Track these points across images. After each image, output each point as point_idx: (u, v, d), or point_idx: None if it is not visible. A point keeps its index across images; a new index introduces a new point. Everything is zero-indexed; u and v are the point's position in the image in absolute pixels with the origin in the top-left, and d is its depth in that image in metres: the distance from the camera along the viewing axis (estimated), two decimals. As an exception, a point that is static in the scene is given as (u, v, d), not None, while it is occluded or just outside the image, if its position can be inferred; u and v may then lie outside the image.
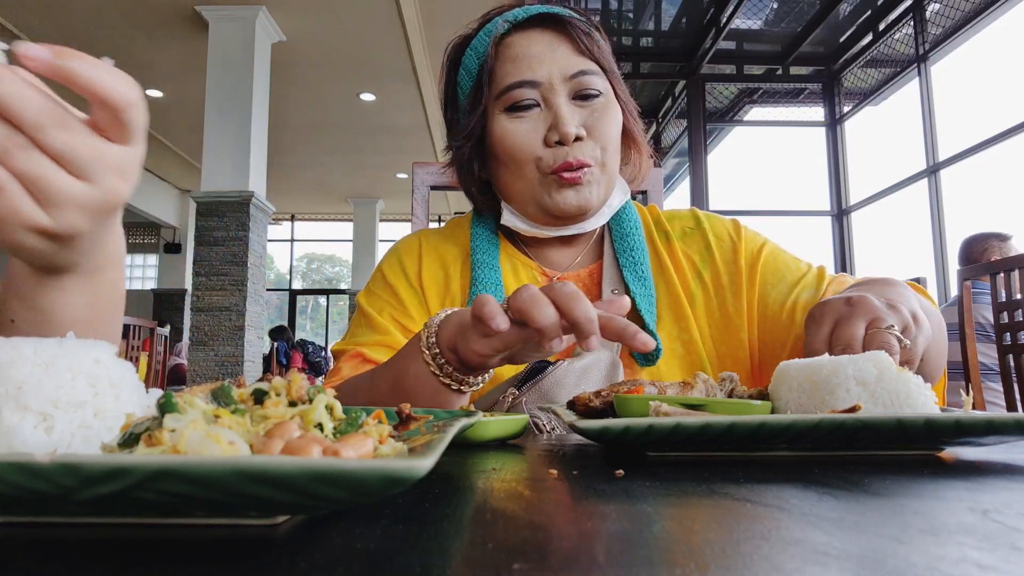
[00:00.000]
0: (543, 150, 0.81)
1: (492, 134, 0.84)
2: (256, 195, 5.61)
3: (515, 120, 0.82)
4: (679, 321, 0.87)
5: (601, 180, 0.83)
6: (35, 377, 0.29)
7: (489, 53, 0.83)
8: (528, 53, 0.82)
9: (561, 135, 0.79)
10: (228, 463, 0.21)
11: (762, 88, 5.64)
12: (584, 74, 0.82)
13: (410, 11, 5.69)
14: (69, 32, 6.13)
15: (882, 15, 4.71)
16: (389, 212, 12.51)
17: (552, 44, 0.82)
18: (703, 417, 0.41)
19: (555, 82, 0.81)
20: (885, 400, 0.46)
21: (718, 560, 0.21)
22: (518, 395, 0.76)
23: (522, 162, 0.82)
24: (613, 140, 0.84)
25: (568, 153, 0.80)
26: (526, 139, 0.81)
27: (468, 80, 0.87)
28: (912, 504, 0.29)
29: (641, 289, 0.86)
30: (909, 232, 4.71)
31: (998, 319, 1.92)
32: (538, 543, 0.23)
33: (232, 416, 0.29)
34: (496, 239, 0.93)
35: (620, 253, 0.90)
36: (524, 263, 0.92)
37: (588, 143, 0.81)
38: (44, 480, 0.21)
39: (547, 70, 0.81)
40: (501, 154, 0.84)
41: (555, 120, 0.80)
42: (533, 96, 0.81)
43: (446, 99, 0.93)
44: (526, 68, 0.81)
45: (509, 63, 0.82)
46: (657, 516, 0.27)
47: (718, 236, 0.92)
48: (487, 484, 0.36)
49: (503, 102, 0.82)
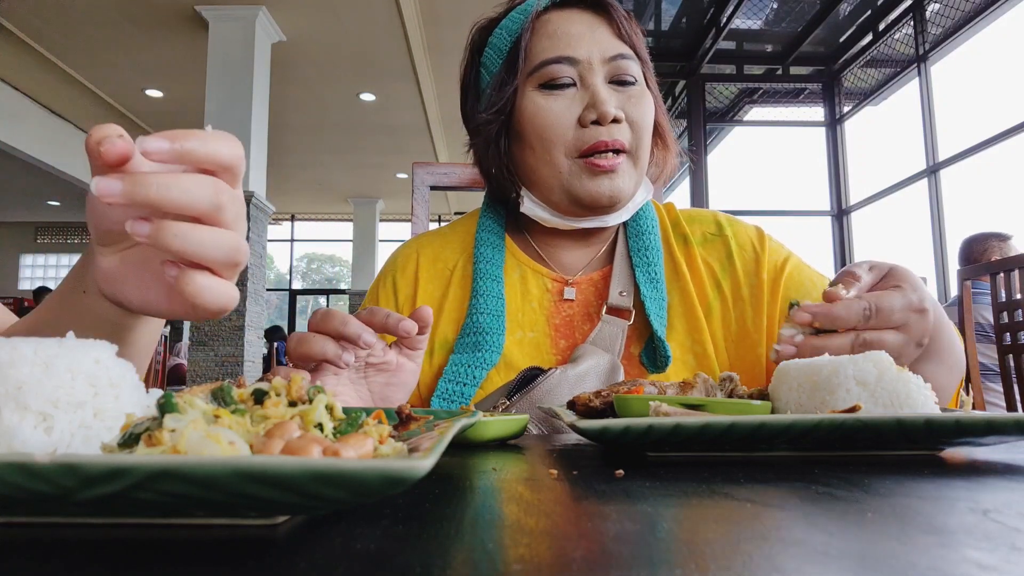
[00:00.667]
0: (575, 130, 0.78)
1: (523, 111, 0.80)
2: (256, 195, 5.61)
3: (549, 97, 0.78)
4: (692, 332, 0.83)
5: (632, 173, 0.80)
6: (35, 377, 0.29)
7: (526, 27, 0.80)
8: (568, 31, 0.79)
9: (599, 114, 0.76)
10: (228, 463, 0.21)
11: (762, 88, 5.64)
12: (623, 58, 0.79)
13: (410, 11, 5.69)
14: (69, 32, 6.13)
15: (882, 15, 4.71)
16: (389, 212, 12.51)
17: (592, 25, 0.80)
18: (703, 417, 0.41)
19: (594, 61, 0.78)
20: (885, 400, 0.46)
21: (718, 560, 0.21)
22: (508, 404, 0.74)
23: (552, 142, 0.78)
24: (647, 129, 0.80)
25: (604, 132, 0.77)
26: (560, 116, 0.77)
27: (496, 58, 0.83)
28: (912, 504, 0.29)
29: (652, 292, 0.82)
30: (909, 232, 4.71)
31: (998, 319, 1.92)
32: (538, 543, 0.23)
33: (232, 416, 0.29)
34: (502, 243, 0.89)
35: (634, 252, 0.86)
36: (534, 270, 0.88)
37: (624, 127, 0.78)
38: (44, 480, 0.21)
39: (587, 49, 0.78)
40: (530, 133, 0.80)
41: (593, 99, 0.76)
42: (570, 74, 0.78)
43: (466, 82, 0.90)
44: (565, 45, 0.78)
45: (546, 39, 0.79)
46: (657, 516, 0.27)
47: (741, 245, 0.88)
48: (487, 484, 0.36)
49: (537, 78, 0.79)
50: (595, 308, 0.85)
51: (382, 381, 0.68)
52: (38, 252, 12.63)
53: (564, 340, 0.84)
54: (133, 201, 0.36)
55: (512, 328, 0.84)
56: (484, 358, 0.80)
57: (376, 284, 0.94)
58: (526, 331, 0.84)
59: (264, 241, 6.01)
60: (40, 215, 11.90)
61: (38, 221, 12.32)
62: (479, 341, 0.81)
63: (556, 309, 0.86)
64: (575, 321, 0.85)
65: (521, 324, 0.85)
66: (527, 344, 0.84)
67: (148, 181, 0.36)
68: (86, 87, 7.38)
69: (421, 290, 0.90)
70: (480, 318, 0.82)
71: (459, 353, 0.81)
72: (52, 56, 6.66)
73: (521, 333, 0.84)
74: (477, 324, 0.82)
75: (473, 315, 0.83)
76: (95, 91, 7.49)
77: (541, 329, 0.85)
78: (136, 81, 7.17)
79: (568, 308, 0.86)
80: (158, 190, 0.37)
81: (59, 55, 6.66)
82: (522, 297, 0.87)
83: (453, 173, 1.27)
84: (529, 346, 0.84)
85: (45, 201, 10.88)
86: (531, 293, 0.87)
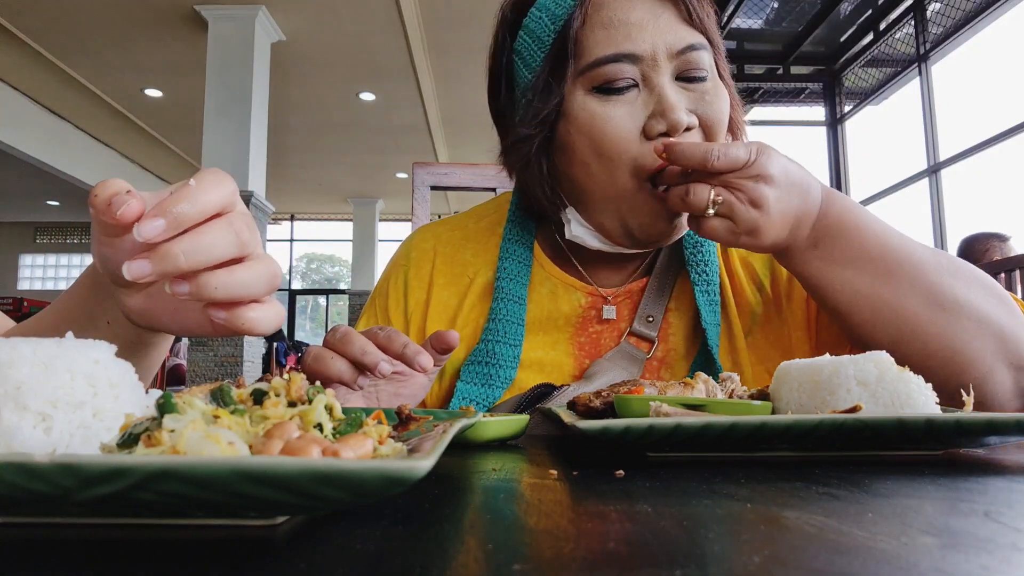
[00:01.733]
0: (639, 143, 0.65)
1: (573, 119, 0.66)
2: (256, 195, 5.61)
3: (607, 103, 0.65)
4: (732, 353, 0.76)
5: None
6: (34, 377, 0.29)
7: (575, 14, 0.65)
8: (626, 19, 0.65)
9: (670, 124, 0.63)
10: (228, 463, 0.21)
11: (763, 88, 5.64)
12: (693, 49, 0.65)
13: (410, 11, 5.69)
14: (69, 32, 6.14)
15: (883, 15, 4.71)
16: (389, 212, 12.51)
17: (655, 10, 0.65)
18: (704, 417, 0.41)
19: (660, 57, 0.64)
20: (886, 400, 0.46)
21: (718, 560, 0.21)
22: None
23: (611, 157, 0.65)
24: (723, 132, 0.68)
25: None
26: (622, 128, 0.64)
27: (536, 49, 0.69)
28: (912, 504, 0.29)
29: (712, 317, 0.74)
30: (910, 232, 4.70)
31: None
32: (538, 544, 0.23)
33: (231, 416, 0.29)
34: (530, 256, 0.79)
35: (692, 264, 0.76)
36: (566, 284, 0.79)
37: (696, 135, 0.66)
38: (43, 480, 0.21)
39: (651, 41, 0.64)
40: (584, 147, 0.66)
41: (660, 104, 0.64)
42: (631, 74, 0.64)
43: (496, 72, 0.76)
44: (624, 38, 0.64)
45: (601, 30, 0.65)
46: (657, 516, 0.27)
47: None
48: (487, 484, 0.36)
49: (591, 79, 0.65)
50: (627, 322, 0.78)
51: (391, 391, 0.68)
52: (37, 252, 12.63)
53: (588, 359, 0.77)
54: (166, 276, 0.37)
55: (534, 345, 0.78)
56: (492, 395, 0.75)
57: (387, 276, 0.86)
58: (547, 351, 0.78)
59: (264, 241, 6.01)
60: (40, 215, 11.91)
61: (38, 221, 12.32)
62: (490, 374, 0.75)
63: (583, 326, 0.78)
64: (603, 339, 0.78)
65: (543, 344, 0.78)
66: (548, 365, 0.78)
67: (174, 253, 0.37)
68: (86, 87, 7.38)
69: (435, 296, 0.82)
70: (495, 347, 0.75)
71: (466, 382, 0.76)
72: (52, 56, 6.66)
73: (542, 352, 0.78)
74: (491, 353, 0.75)
75: (488, 341, 0.76)
76: (95, 91, 7.49)
77: (563, 348, 0.78)
78: (136, 81, 7.17)
79: (600, 325, 0.78)
80: (187, 258, 0.37)
81: (59, 55, 6.66)
82: (547, 317, 0.79)
83: (453, 173, 1.27)
84: (551, 367, 0.78)
85: (45, 201, 10.89)
86: (561, 310, 0.78)
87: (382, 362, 0.55)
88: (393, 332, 0.58)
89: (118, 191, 0.36)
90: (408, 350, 0.57)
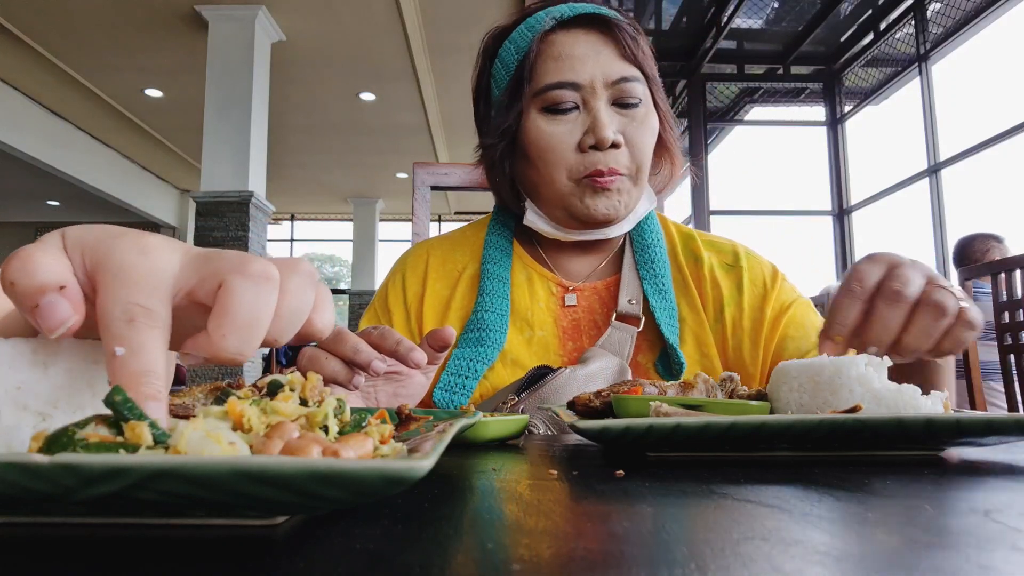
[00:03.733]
0: (576, 155, 0.80)
1: (526, 133, 0.82)
2: (256, 195, 5.61)
3: (552, 121, 0.80)
4: (701, 347, 0.85)
5: (632, 191, 0.82)
6: (34, 377, 0.29)
7: (532, 49, 0.80)
8: (572, 53, 0.79)
9: (598, 140, 0.78)
10: (228, 463, 0.21)
11: (763, 87, 5.64)
12: (626, 81, 0.79)
13: (410, 11, 5.69)
14: (69, 32, 6.14)
15: (883, 14, 4.71)
16: (389, 212, 12.51)
17: (597, 46, 0.80)
18: (703, 417, 0.41)
19: (597, 86, 0.79)
20: (887, 400, 0.46)
21: (718, 560, 0.21)
22: (517, 401, 0.75)
23: (554, 164, 0.80)
24: (647, 152, 0.82)
25: (601, 160, 0.79)
26: (561, 141, 0.79)
27: (504, 74, 0.84)
28: (912, 504, 0.29)
29: (661, 303, 0.84)
30: (910, 232, 4.71)
31: (999, 319, 1.92)
32: (538, 544, 0.23)
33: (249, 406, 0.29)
34: (510, 247, 0.92)
35: (641, 265, 0.88)
36: (540, 274, 0.91)
37: (623, 152, 0.80)
38: (44, 480, 0.21)
39: (590, 72, 0.78)
40: (533, 155, 0.82)
41: (593, 124, 0.78)
42: (573, 98, 0.79)
43: (478, 90, 0.91)
44: (568, 69, 0.79)
45: (551, 61, 0.80)
46: (657, 516, 0.27)
47: (753, 280, 0.89)
48: (487, 484, 0.36)
49: (541, 101, 0.80)
50: (600, 316, 0.87)
51: (390, 391, 0.68)
52: (38, 252, 12.63)
53: (571, 342, 0.86)
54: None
55: (522, 327, 0.87)
56: (485, 353, 0.82)
57: (386, 282, 0.96)
58: (535, 330, 0.87)
59: (264, 241, 6.01)
60: (40, 215, 11.90)
61: (38, 221, 12.32)
62: (482, 337, 0.83)
63: (562, 313, 0.88)
64: (582, 325, 0.87)
65: (531, 324, 0.87)
66: (536, 343, 0.86)
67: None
68: (86, 87, 7.38)
69: (429, 289, 0.91)
70: (484, 315, 0.85)
71: (462, 347, 0.84)
72: (52, 57, 6.66)
73: (531, 332, 0.87)
74: (481, 320, 0.84)
75: (478, 312, 0.85)
76: (95, 91, 7.49)
77: (549, 330, 0.87)
78: (136, 81, 7.17)
79: (573, 313, 0.88)
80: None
81: (59, 55, 6.66)
82: (531, 298, 0.89)
83: (453, 173, 1.27)
84: (538, 345, 0.86)
85: (45, 201, 10.88)
86: (538, 295, 0.89)
87: (375, 360, 0.55)
88: (386, 330, 0.59)
89: (45, 286, 0.28)
90: (401, 347, 0.57)
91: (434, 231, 1.16)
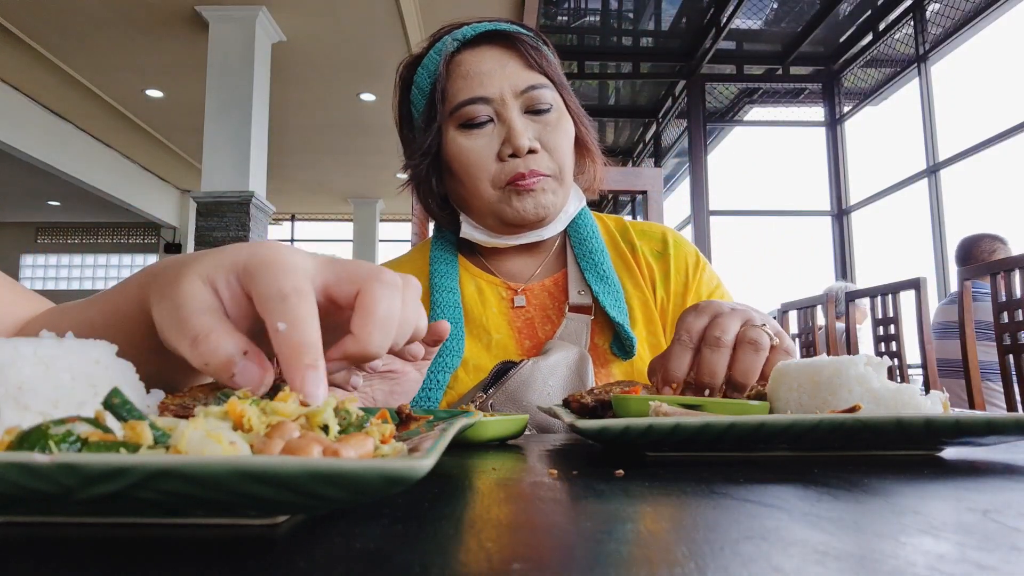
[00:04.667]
0: (497, 164, 0.83)
1: (447, 150, 0.85)
2: (256, 195, 5.61)
3: (469, 136, 0.83)
4: (649, 324, 0.90)
5: (557, 190, 0.85)
6: (35, 377, 0.29)
7: (440, 71, 0.84)
8: (479, 70, 0.83)
9: (515, 148, 0.81)
10: (228, 463, 0.21)
11: (762, 88, 5.65)
12: (535, 88, 0.83)
13: (410, 11, 5.69)
14: (70, 32, 6.13)
15: (882, 15, 4.71)
16: (389, 212, 12.51)
17: (502, 60, 0.84)
18: (703, 417, 0.41)
19: (507, 97, 0.82)
20: (886, 400, 0.46)
21: (718, 560, 0.21)
22: (485, 398, 0.77)
23: (477, 177, 0.83)
24: (566, 152, 0.85)
25: (521, 164, 0.82)
26: (480, 154, 0.83)
27: (421, 98, 0.88)
28: (912, 504, 0.29)
29: (605, 288, 0.88)
30: (909, 232, 4.70)
31: (998, 319, 1.92)
32: (538, 543, 0.23)
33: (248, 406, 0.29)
34: (455, 259, 0.95)
35: (581, 257, 0.92)
36: (488, 280, 0.94)
37: (542, 155, 0.83)
38: (44, 480, 0.21)
39: (498, 86, 0.82)
40: (457, 169, 0.85)
41: (509, 134, 0.81)
42: (486, 112, 0.82)
43: (400, 118, 0.95)
44: (477, 85, 0.82)
45: (460, 80, 0.83)
46: (657, 516, 0.27)
47: (677, 269, 0.95)
48: (487, 484, 0.36)
49: (456, 119, 0.83)
50: (552, 310, 0.91)
51: (386, 389, 0.69)
52: (38, 252, 12.63)
53: (528, 340, 0.89)
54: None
55: (479, 334, 0.89)
56: (446, 362, 0.84)
57: None
58: (492, 335, 0.89)
59: (264, 241, 6.00)
60: (40, 215, 11.90)
61: (38, 221, 12.32)
62: (440, 347, 0.84)
63: (514, 314, 0.92)
64: (535, 323, 0.91)
65: (486, 329, 0.90)
66: (495, 347, 0.89)
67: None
68: (86, 87, 7.38)
69: None
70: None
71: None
72: (53, 57, 6.66)
73: (488, 337, 0.89)
74: None
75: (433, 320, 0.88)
76: (95, 91, 7.48)
77: (505, 332, 0.90)
78: (136, 81, 7.16)
79: (525, 313, 0.92)
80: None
81: (59, 56, 6.66)
82: (483, 305, 0.92)
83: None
84: (497, 348, 0.89)
85: (45, 201, 10.88)
86: (489, 301, 0.92)
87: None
88: None
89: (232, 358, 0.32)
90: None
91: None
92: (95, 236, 12.51)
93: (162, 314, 0.34)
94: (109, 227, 12.43)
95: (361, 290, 0.34)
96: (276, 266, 0.33)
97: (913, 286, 2.28)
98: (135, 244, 12.42)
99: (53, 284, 12.55)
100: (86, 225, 12.37)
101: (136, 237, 12.38)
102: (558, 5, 5.25)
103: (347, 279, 0.34)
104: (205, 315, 0.33)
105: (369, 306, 0.33)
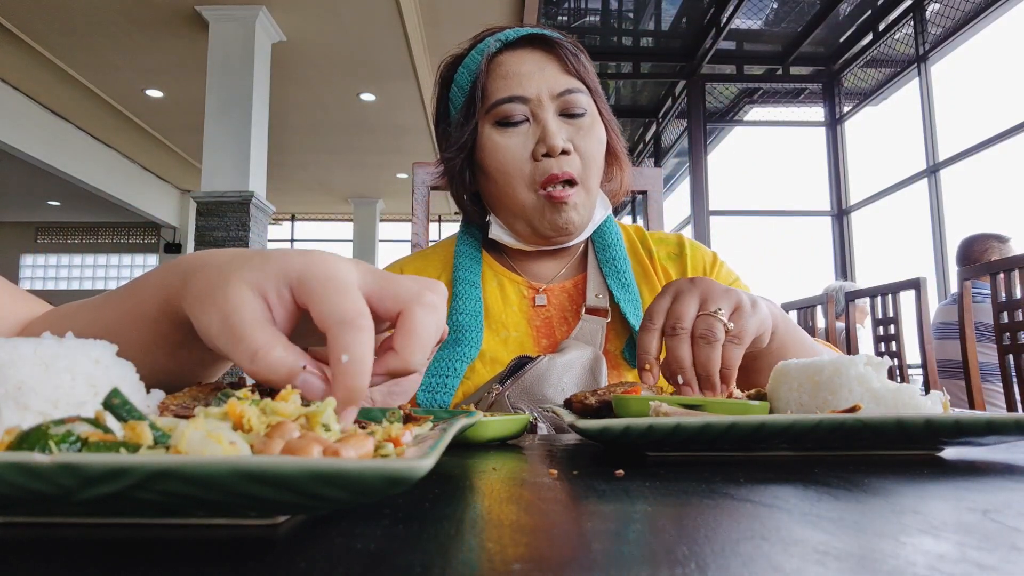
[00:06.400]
0: (530, 164, 0.85)
1: (482, 147, 0.87)
2: (256, 195, 5.61)
3: (504, 134, 0.85)
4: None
5: (586, 202, 0.88)
6: (35, 377, 0.29)
7: (481, 69, 0.86)
8: (518, 71, 0.86)
9: (548, 147, 0.83)
10: (228, 463, 0.21)
11: (762, 88, 5.64)
12: (571, 92, 0.85)
13: (410, 11, 5.69)
14: (70, 32, 6.13)
15: (882, 15, 4.71)
16: (389, 212, 12.51)
17: (541, 63, 0.86)
18: (703, 417, 0.41)
19: (543, 98, 0.84)
20: (887, 400, 0.46)
21: (718, 560, 0.21)
22: (501, 390, 0.78)
23: (511, 175, 0.85)
24: (597, 157, 0.87)
25: (554, 165, 0.83)
26: (515, 153, 0.85)
27: (460, 96, 0.90)
28: (912, 504, 0.29)
29: (625, 295, 0.90)
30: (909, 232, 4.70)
31: (998, 319, 1.92)
32: (538, 543, 0.23)
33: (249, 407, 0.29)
34: (480, 255, 0.97)
35: (603, 263, 0.94)
36: (510, 278, 0.96)
37: (574, 158, 0.85)
38: (44, 480, 0.21)
39: (536, 87, 0.84)
40: (490, 167, 0.87)
41: (543, 133, 0.83)
42: (523, 111, 0.85)
43: (438, 114, 0.97)
44: (516, 85, 0.85)
45: (500, 80, 0.86)
46: (657, 516, 0.27)
47: (694, 267, 0.97)
48: (487, 484, 0.36)
49: (493, 116, 0.86)
50: (571, 312, 0.93)
51: (384, 390, 0.69)
52: (38, 252, 12.62)
53: (545, 339, 0.91)
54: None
55: (497, 328, 0.92)
56: (463, 352, 0.86)
57: None
58: (510, 331, 0.92)
59: (264, 241, 6.01)
60: (40, 215, 11.90)
61: (38, 221, 12.31)
62: (459, 337, 0.88)
63: (534, 313, 0.94)
64: (553, 322, 0.93)
65: (505, 325, 0.92)
66: (512, 342, 0.91)
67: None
68: (86, 87, 7.38)
69: None
70: (459, 317, 0.89)
71: (440, 350, 0.88)
72: (52, 56, 6.66)
73: (506, 332, 0.91)
74: (456, 323, 0.89)
75: (453, 315, 0.90)
76: (95, 91, 7.48)
77: (523, 329, 0.92)
78: (136, 81, 7.16)
79: (544, 312, 0.94)
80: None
81: (59, 55, 6.66)
82: (503, 302, 0.94)
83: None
84: (514, 344, 0.91)
85: (45, 201, 10.88)
86: (510, 298, 0.94)
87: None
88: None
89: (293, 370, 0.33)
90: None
91: (434, 231, 1.17)
92: (95, 236, 12.50)
93: (211, 321, 0.35)
94: (109, 227, 12.43)
95: (405, 310, 0.36)
96: (334, 284, 0.34)
97: (913, 286, 2.29)
98: (135, 244, 12.42)
99: (53, 284, 12.55)
100: (86, 225, 12.36)
101: (136, 237, 12.37)
102: (558, 5, 5.25)
103: (391, 296, 0.36)
104: (261, 329, 0.34)
105: (412, 328, 0.36)
